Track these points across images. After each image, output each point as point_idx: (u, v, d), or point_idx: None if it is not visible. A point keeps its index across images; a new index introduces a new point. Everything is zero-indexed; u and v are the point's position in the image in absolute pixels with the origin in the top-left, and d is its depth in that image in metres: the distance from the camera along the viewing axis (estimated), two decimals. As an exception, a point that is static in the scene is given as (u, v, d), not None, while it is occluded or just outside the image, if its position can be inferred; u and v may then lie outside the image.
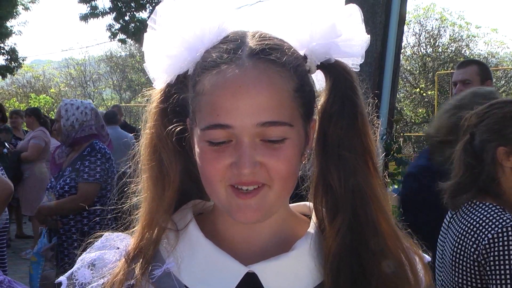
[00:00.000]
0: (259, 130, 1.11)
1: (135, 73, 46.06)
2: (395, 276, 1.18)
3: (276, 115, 1.11)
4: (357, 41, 1.24)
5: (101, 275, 1.23)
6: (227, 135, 1.12)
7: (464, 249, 2.45)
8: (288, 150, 1.13)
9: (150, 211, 1.24)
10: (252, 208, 1.13)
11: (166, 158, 1.23)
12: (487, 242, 2.35)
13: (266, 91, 1.11)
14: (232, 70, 1.12)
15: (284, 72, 1.14)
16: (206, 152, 1.14)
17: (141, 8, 20.07)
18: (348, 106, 1.19)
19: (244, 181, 1.12)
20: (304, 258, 1.21)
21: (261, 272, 1.18)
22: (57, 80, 45.40)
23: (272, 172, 1.12)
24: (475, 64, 4.86)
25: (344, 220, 1.18)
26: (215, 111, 1.12)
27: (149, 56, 1.24)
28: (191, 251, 1.22)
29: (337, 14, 1.22)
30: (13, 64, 24.71)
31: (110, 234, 1.32)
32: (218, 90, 1.12)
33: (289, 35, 1.22)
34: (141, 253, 1.22)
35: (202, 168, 1.16)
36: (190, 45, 1.19)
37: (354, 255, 1.17)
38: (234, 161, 1.11)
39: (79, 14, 19.67)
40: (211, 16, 1.19)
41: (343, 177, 1.18)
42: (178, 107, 1.24)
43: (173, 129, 1.23)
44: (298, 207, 1.35)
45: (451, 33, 32.47)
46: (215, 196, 1.18)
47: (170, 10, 1.22)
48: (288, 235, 1.26)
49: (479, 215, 2.46)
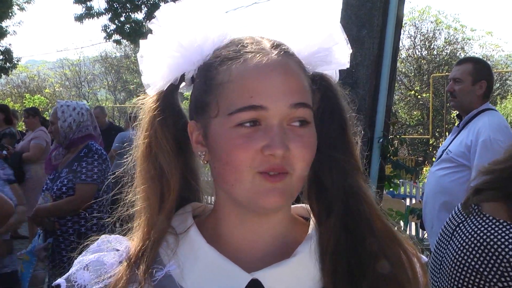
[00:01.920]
0: (290, 111, 1.15)
1: (130, 74, 46.03)
2: (394, 275, 1.20)
3: (304, 97, 1.18)
4: (344, 53, 1.31)
5: (101, 278, 1.22)
6: (259, 117, 1.14)
7: (469, 260, 2.42)
8: (312, 137, 1.18)
9: (151, 217, 1.24)
10: (279, 191, 1.14)
11: (166, 166, 1.23)
12: (492, 259, 2.33)
13: (295, 75, 1.18)
14: (260, 57, 1.17)
15: (302, 65, 1.23)
16: (234, 137, 1.14)
17: (137, 9, 20.05)
18: (338, 112, 1.28)
19: (274, 166, 1.13)
20: (306, 263, 1.22)
21: (265, 279, 1.18)
22: (52, 80, 45.38)
23: (297, 159, 1.15)
24: (470, 63, 4.80)
25: (338, 218, 1.21)
26: (247, 93, 1.14)
27: (148, 57, 1.25)
28: (193, 257, 1.22)
29: (332, 26, 1.29)
30: (8, 64, 24.65)
31: (107, 236, 1.31)
32: (249, 74, 1.15)
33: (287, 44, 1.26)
34: (142, 257, 1.21)
35: (229, 155, 1.15)
36: (190, 50, 1.22)
37: (351, 254, 1.19)
38: (267, 144, 1.13)
39: (74, 15, 19.61)
40: (214, 22, 1.23)
41: (336, 177, 1.23)
42: (175, 112, 1.25)
43: (172, 136, 1.24)
44: (296, 209, 1.36)
45: (446, 36, 32.63)
46: (239, 185, 1.16)
47: (172, 15, 1.24)
48: (289, 238, 1.26)
49: (489, 229, 2.41)
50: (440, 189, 4.58)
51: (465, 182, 4.40)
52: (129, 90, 45.15)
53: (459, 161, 4.47)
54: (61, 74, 46.27)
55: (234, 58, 1.18)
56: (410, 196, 13.40)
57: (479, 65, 4.76)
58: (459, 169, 4.48)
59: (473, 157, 4.38)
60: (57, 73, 46.71)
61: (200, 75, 1.23)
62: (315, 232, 1.25)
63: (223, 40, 1.23)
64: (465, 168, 4.44)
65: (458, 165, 4.49)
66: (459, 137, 4.63)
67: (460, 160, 4.47)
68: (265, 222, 1.23)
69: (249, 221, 1.23)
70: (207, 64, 1.22)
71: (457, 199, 4.36)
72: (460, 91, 4.69)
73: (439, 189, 4.59)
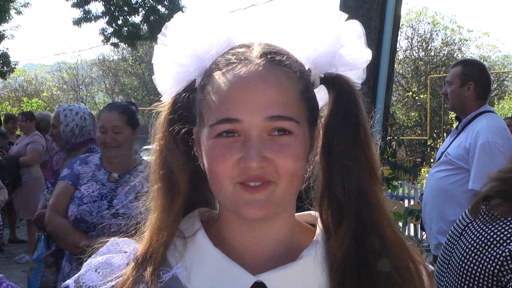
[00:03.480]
0: (267, 124, 1.13)
1: (128, 77, 45.99)
2: (402, 283, 1.19)
3: (283, 110, 1.14)
4: (359, 54, 1.27)
5: (109, 279, 1.24)
6: (235, 128, 1.14)
7: (480, 259, 2.41)
8: (295, 147, 1.15)
9: (159, 219, 1.25)
10: (260, 202, 1.14)
11: (176, 169, 1.25)
12: (508, 254, 2.29)
13: (274, 87, 1.15)
14: (241, 68, 1.16)
15: (291, 74, 1.18)
16: (214, 148, 1.16)
17: (134, 12, 20.06)
18: (351, 118, 1.22)
19: (252, 176, 1.13)
20: (311, 266, 1.22)
21: (269, 281, 1.18)
22: (50, 84, 45.34)
23: (279, 169, 1.14)
24: (460, 66, 4.84)
25: (349, 228, 1.19)
26: (224, 105, 1.15)
27: (158, 67, 1.28)
28: (200, 260, 1.23)
29: (340, 27, 1.25)
30: (5, 68, 24.61)
31: (116, 239, 1.33)
32: (227, 86, 1.15)
33: (293, 49, 1.25)
34: (150, 258, 1.23)
35: (210, 166, 1.17)
36: (199, 54, 1.24)
37: (360, 263, 1.19)
38: (242, 156, 1.13)
39: (72, 19, 19.61)
40: (219, 29, 1.24)
41: (347, 186, 1.20)
42: (186, 118, 1.27)
43: (182, 140, 1.26)
44: (303, 216, 1.36)
45: (443, 37, 32.69)
46: (222, 194, 1.18)
47: (180, 24, 1.26)
48: (295, 243, 1.26)
49: (501, 228, 2.39)
50: (439, 191, 4.60)
51: (464, 184, 4.43)
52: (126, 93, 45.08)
53: (458, 164, 4.49)
54: (59, 77, 46.21)
55: (220, 68, 1.19)
56: (408, 197, 13.43)
57: (468, 68, 4.78)
58: (457, 171, 4.50)
59: (471, 160, 4.39)
60: (54, 76, 46.65)
61: (201, 81, 1.25)
62: (322, 238, 1.25)
63: (227, 46, 1.24)
64: (463, 170, 4.46)
65: (456, 168, 4.50)
66: (457, 140, 4.65)
67: (458, 163, 4.49)
68: (264, 228, 1.23)
69: (248, 226, 1.24)
70: (207, 71, 1.23)
71: (456, 201, 4.40)
72: (450, 93, 4.75)
73: (438, 191, 4.61)
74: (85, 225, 3.75)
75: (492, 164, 4.18)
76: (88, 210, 3.76)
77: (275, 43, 1.25)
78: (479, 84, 4.68)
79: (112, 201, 3.77)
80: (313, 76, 1.25)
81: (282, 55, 1.20)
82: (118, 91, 46.38)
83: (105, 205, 3.76)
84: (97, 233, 3.67)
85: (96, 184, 3.89)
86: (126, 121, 3.99)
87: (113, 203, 3.75)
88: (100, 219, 3.69)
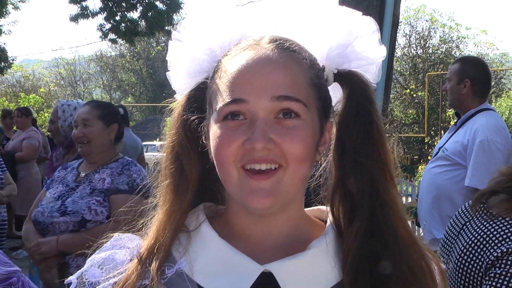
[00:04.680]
0: (274, 105, 1.13)
1: (125, 73, 45.94)
2: (414, 281, 1.19)
3: (291, 90, 1.15)
4: (373, 49, 1.27)
5: (112, 275, 1.23)
6: (241, 110, 1.14)
7: (474, 258, 2.42)
8: (302, 130, 1.15)
9: (167, 214, 1.25)
10: (266, 191, 1.13)
11: (187, 165, 1.25)
12: (500, 255, 2.29)
13: (282, 69, 1.16)
14: (249, 53, 1.18)
15: (300, 60, 1.19)
16: (220, 132, 1.16)
17: (132, 8, 19.96)
18: (364, 114, 1.22)
19: (257, 158, 1.12)
20: (321, 257, 1.21)
21: (277, 271, 1.17)
22: (47, 79, 45.30)
23: (286, 152, 1.13)
24: (458, 63, 4.86)
25: (362, 224, 1.19)
26: (230, 87, 1.15)
27: (173, 62, 1.29)
28: (205, 251, 1.22)
29: (353, 22, 1.25)
30: (3, 64, 24.54)
31: (120, 235, 1.32)
32: (234, 69, 1.17)
33: (307, 43, 1.26)
34: (154, 254, 1.22)
35: (216, 150, 1.17)
36: (212, 48, 1.25)
37: (373, 258, 1.18)
38: (248, 137, 1.13)
39: (70, 15, 19.52)
40: (233, 24, 1.26)
41: (361, 182, 1.20)
42: (198, 114, 1.27)
43: (194, 138, 1.26)
44: (313, 211, 1.36)
45: (441, 34, 32.67)
46: (229, 182, 1.18)
47: (195, 21, 1.27)
48: (303, 236, 1.26)
49: (497, 228, 2.40)
50: (434, 186, 4.60)
51: (460, 181, 4.43)
52: (124, 89, 45.02)
53: (455, 160, 4.49)
54: (56, 73, 46.20)
55: (229, 54, 1.21)
56: (406, 194, 13.43)
57: (466, 65, 4.79)
58: (454, 167, 4.50)
59: (469, 156, 4.40)
60: (52, 72, 46.64)
61: (212, 72, 1.25)
62: (332, 232, 1.25)
63: (239, 39, 1.25)
64: (460, 167, 4.47)
65: (453, 164, 4.51)
66: (456, 136, 4.66)
67: (455, 159, 4.49)
68: (273, 221, 1.23)
69: (257, 218, 1.23)
70: (218, 61, 1.24)
71: (451, 197, 4.42)
72: (449, 90, 4.79)
73: (433, 186, 4.62)
74: (40, 226, 3.71)
75: (490, 162, 4.20)
76: (41, 211, 3.71)
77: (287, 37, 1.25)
78: (476, 82, 4.68)
79: (66, 200, 3.69)
80: (327, 73, 1.25)
81: (291, 42, 1.21)
82: (116, 87, 46.37)
83: (57, 205, 3.68)
84: (51, 233, 3.63)
85: (62, 186, 3.83)
86: (98, 115, 3.87)
87: (66, 202, 3.68)
88: (50, 219, 3.63)
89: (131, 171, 3.76)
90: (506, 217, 2.44)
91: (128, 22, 19.80)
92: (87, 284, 1.25)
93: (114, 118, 3.96)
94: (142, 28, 20.26)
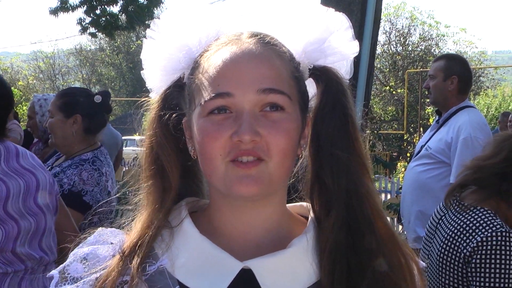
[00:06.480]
0: (259, 98, 1.14)
1: (105, 67, 45.74)
2: (392, 274, 1.19)
3: (276, 83, 1.16)
4: (347, 45, 1.29)
5: (94, 270, 1.23)
6: (227, 104, 1.15)
7: (452, 251, 2.48)
8: (287, 123, 1.16)
9: (150, 214, 1.25)
10: (253, 178, 1.14)
11: (167, 165, 1.24)
12: (475, 245, 2.38)
13: (266, 63, 1.17)
14: (232, 47, 1.19)
15: (282, 55, 1.21)
16: (206, 126, 1.16)
17: (112, 2, 19.84)
18: (339, 108, 1.23)
19: (244, 150, 1.13)
20: (301, 255, 1.21)
21: (257, 268, 1.17)
22: (26, 73, 44.96)
23: (271, 145, 1.14)
24: (443, 60, 4.89)
25: (338, 216, 1.19)
26: (215, 82, 1.15)
27: (147, 61, 1.30)
28: (186, 247, 1.22)
29: (328, 18, 1.27)
30: (-19, 56, 24.32)
31: (103, 229, 1.32)
32: (218, 63, 1.17)
33: (283, 39, 1.27)
34: (136, 250, 1.22)
35: (201, 144, 1.17)
36: (188, 45, 1.25)
37: (350, 251, 1.18)
38: (235, 131, 1.13)
39: (49, 8, 19.36)
40: (208, 22, 1.27)
41: (336, 174, 1.21)
42: (176, 113, 1.26)
43: (172, 137, 1.26)
44: (295, 207, 1.36)
45: (421, 32, 32.96)
46: (214, 175, 1.17)
47: (169, 19, 1.28)
48: (285, 233, 1.26)
49: (470, 218, 2.48)
50: (418, 185, 4.62)
51: (444, 178, 4.46)
52: (104, 83, 44.80)
53: (439, 158, 4.52)
54: (35, 66, 45.87)
55: (210, 49, 1.21)
56: (385, 191, 13.52)
57: (451, 62, 4.83)
58: (438, 165, 4.53)
59: (453, 154, 4.43)
60: (31, 65, 46.29)
61: (191, 68, 1.25)
62: (313, 229, 1.25)
63: (216, 36, 1.25)
64: (444, 165, 4.49)
65: (437, 162, 4.53)
66: (438, 134, 4.68)
67: (439, 157, 4.52)
68: (255, 215, 1.23)
69: (239, 212, 1.23)
70: (196, 57, 1.24)
71: (435, 195, 4.43)
72: (433, 87, 4.78)
73: (417, 184, 4.64)
74: None
75: (473, 159, 4.23)
76: None
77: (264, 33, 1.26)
78: (462, 79, 4.72)
79: None
80: (302, 68, 1.26)
81: (271, 37, 1.23)
82: (95, 81, 46.14)
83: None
84: None
85: None
86: (58, 106, 3.66)
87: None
88: None
89: (73, 171, 3.50)
90: (477, 206, 2.53)
91: (108, 16, 19.68)
92: (69, 279, 1.23)
93: (74, 109, 3.67)
94: (122, 22, 20.16)
